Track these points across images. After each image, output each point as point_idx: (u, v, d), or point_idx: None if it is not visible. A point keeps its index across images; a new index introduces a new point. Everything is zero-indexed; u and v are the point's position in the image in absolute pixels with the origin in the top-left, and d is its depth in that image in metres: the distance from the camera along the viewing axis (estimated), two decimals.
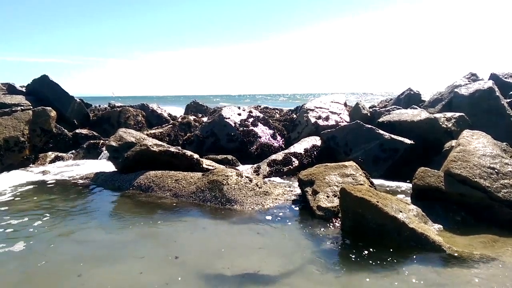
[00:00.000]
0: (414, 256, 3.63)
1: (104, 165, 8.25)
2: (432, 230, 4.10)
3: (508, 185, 4.52)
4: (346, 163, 5.64)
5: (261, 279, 3.30)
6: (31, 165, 8.51)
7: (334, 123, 9.16)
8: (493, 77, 9.90)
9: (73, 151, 9.43)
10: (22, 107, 9.60)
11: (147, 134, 8.96)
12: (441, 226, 4.36)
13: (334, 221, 4.59)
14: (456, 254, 3.61)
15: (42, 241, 4.19)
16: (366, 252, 3.76)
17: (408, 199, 5.06)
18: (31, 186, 6.65)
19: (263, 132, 9.23)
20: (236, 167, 7.57)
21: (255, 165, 7.48)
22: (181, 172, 6.40)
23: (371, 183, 5.48)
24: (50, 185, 6.75)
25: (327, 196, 4.96)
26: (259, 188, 5.64)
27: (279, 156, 7.68)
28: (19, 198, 5.91)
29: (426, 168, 5.02)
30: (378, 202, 3.98)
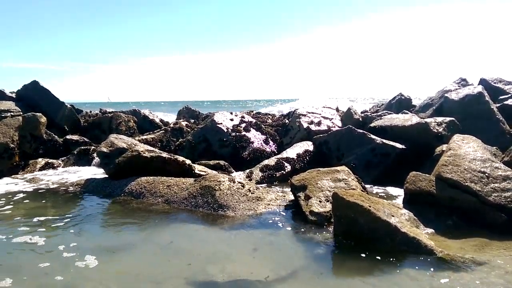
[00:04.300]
0: (407, 260, 3.63)
1: (95, 172, 8.18)
2: (424, 234, 4.12)
3: (498, 189, 4.56)
4: (339, 168, 5.65)
5: (254, 285, 3.28)
6: (20, 172, 8.39)
7: (326, 128, 9.18)
8: (483, 82, 10.01)
9: (64, 157, 9.33)
10: (12, 113, 9.49)
11: (138, 140, 8.90)
12: (433, 230, 4.38)
13: (326, 226, 4.58)
14: (448, 258, 3.62)
15: (30, 248, 4.12)
16: (358, 256, 3.76)
17: (400, 203, 5.08)
18: (21, 194, 6.54)
19: (256, 137, 9.21)
20: (229, 173, 7.55)
21: (248, 171, 7.46)
22: (173, 178, 6.35)
23: (363, 187, 5.50)
24: (40, 192, 6.66)
25: (320, 201, 4.96)
26: (251, 193, 5.62)
27: (271, 161, 7.67)
28: (8, 206, 5.81)
29: (418, 173, 5.04)
30: (370, 206, 3.99)
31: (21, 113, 9.50)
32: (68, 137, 10.06)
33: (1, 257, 3.93)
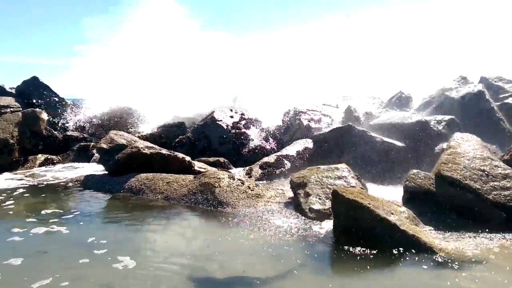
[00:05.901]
0: (406, 258, 3.63)
1: (95, 168, 8.17)
2: (423, 232, 4.12)
3: (498, 187, 4.56)
4: (338, 166, 5.65)
5: (252, 282, 3.28)
6: (20, 167, 8.38)
7: (326, 126, 9.17)
8: (483, 80, 9.99)
9: (64, 153, 9.33)
10: (11, 109, 9.48)
11: (138, 137, 8.89)
12: (432, 228, 4.38)
13: (326, 223, 4.58)
14: (446, 256, 3.63)
15: (29, 243, 4.13)
16: (358, 254, 3.76)
17: (400, 201, 5.08)
18: (21, 190, 6.54)
19: (255, 135, 9.21)
20: (228, 170, 7.55)
21: (247, 168, 7.46)
22: (172, 174, 6.35)
23: (363, 185, 5.50)
24: (40, 188, 6.66)
25: (319, 198, 4.96)
26: (251, 190, 5.62)
27: (271, 158, 7.67)
28: (8, 202, 5.81)
29: (417, 170, 5.05)
30: (369, 204, 3.99)
31: (21, 109, 9.50)
32: (68, 133, 10.07)
33: (38, 247, 4.01)
